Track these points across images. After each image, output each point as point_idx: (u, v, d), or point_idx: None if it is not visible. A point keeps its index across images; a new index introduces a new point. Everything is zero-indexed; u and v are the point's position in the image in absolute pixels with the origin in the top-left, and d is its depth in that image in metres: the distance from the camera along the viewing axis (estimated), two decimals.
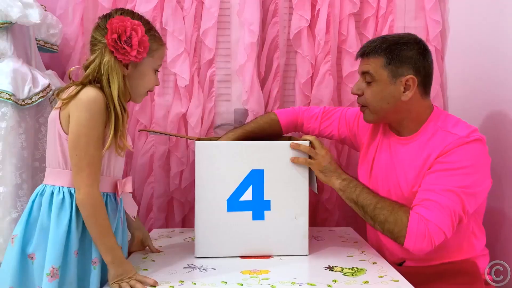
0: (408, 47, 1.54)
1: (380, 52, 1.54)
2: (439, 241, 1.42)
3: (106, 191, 1.41)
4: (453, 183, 1.44)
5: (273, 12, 2.10)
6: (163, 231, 1.98)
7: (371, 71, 1.55)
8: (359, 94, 1.61)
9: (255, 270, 1.44)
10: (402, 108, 1.56)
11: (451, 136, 1.48)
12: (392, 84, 1.54)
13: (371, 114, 1.60)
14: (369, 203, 1.52)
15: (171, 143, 2.11)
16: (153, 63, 1.46)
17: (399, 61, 1.53)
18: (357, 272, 1.42)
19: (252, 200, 1.58)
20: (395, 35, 1.63)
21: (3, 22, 1.67)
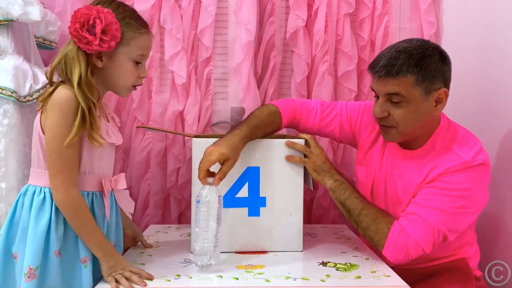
0: (434, 59, 1.43)
1: (412, 70, 1.40)
2: (416, 255, 1.45)
3: (90, 189, 1.38)
4: (447, 203, 1.44)
5: (270, 12, 2.11)
6: (159, 227, 2.00)
7: (402, 92, 1.42)
8: (385, 116, 1.48)
9: (250, 265, 1.46)
10: (429, 122, 1.50)
11: (456, 158, 1.45)
12: (425, 101, 1.44)
13: (398, 134, 1.50)
14: (355, 208, 1.55)
15: (168, 140, 2.12)
16: (129, 53, 1.36)
17: (432, 76, 1.42)
18: (350, 267, 1.45)
19: (248, 196, 1.60)
20: (415, 46, 1.45)
21: (4, 20, 1.68)
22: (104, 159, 1.42)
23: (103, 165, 1.42)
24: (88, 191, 1.37)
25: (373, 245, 1.52)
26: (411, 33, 2.13)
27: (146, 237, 1.80)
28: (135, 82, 1.42)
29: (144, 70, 1.42)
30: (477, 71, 1.87)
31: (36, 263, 1.27)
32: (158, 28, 2.09)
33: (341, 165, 2.16)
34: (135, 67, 1.39)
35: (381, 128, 1.54)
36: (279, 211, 1.61)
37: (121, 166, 2.16)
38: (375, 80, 1.48)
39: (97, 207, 1.39)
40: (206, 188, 1.39)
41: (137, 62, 1.39)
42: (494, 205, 1.76)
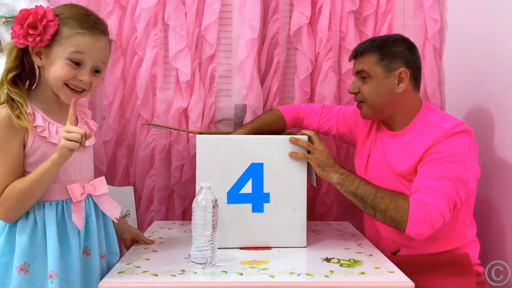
0: (397, 44, 1.66)
1: (373, 50, 1.65)
2: (439, 224, 1.48)
3: (58, 198, 1.34)
4: (445, 170, 1.51)
5: (273, 9, 2.12)
6: (163, 223, 2.01)
7: (366, 68, 1.65)
8: (356, 92, 1.70)
9: (254, 260, 1.47)
10: (397, 100, 1.65)
11: (439, 129, 1.56)
12: (386, 78, 1.63)
13: (368, 109, 1.68)
14: (369, 194, 1.57)
15: (172, 137, 2.13)
16: (63, 52, 1.31)
17: (391, 56, 1.63)
18: (354, 263, 1.45)
19: (252, 192, 1.61)
20: (383, 35, 1.80)
21: (10, 17, 1.70)
22: (71, 165, 1.37)
23: (70, 172, 1.37)
24: (57, 201, 1.34)
25: (395, 225, 1.52)
26: (415, 30, 2.14)
27: (150, 233, 1.82)
28: (70, 81, 1.34)
29: (83, 73, 1.34)
30: (481, 68, 1.87)
31: None
32: (162, 25, 2.10)
33: (344, 163, 2.17)
34: (69, 66, 1.32)
35: (357, 106, 1.74)
36: (282, 207, 1.62)
37: (125, 162, 2.17)
38: (349, 63, 1.78)
39: (69, 216, 1.34)
40: (202, 192, 1.40)
41: (75, 63, 1.33)
42: (494, 204, 1.77)
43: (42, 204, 1.32)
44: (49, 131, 1.33)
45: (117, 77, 2.10)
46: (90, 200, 1.42)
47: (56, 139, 1.33)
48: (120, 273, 1.35)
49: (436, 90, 2.14)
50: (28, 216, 1.30)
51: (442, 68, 2.16)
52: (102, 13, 2.07)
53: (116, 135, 2.14)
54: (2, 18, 1.75)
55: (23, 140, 1.30)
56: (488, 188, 1.78)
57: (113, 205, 1.47)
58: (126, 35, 2.10)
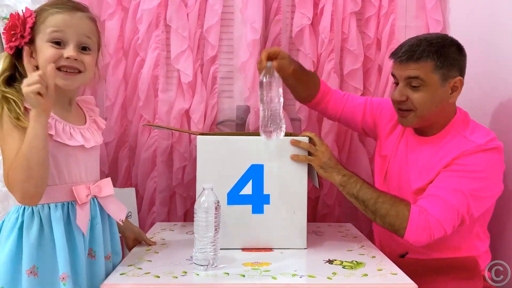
0: (453, 48, 1.55)
1: (432, 56, 1.52)
2: (438, 235, 1.46)
3: (63, 200, 1.32)
4: (463, 185, 1.47)
5: (275, 10, 2.12)
6: (165, 225, 2.00)
7: (421, 75, 1.53)
8: (404, 100, 1.58)
9: (256, 262, 1.46)
10: (445, 109, 1.58)
11: (469, 143, 1.51)
12: (442, 87, 1.54)
13: (415, 118, 1.59)
14: (370, 197, 1.55)
15: (174, 138, 2.13)
16: (43, 37, 1.31)
17: (449, 63, 1.53)
18: (356, 265, 1.45)
19: (252, 194, 1.60)
20: (434, 36, 1.59)
21: None
22: (77, 166, 1.36)
23: (76, 172, 1.36)
24: (63, 202, 1.32)
25: (394, 231, 1.51)
26: (417, 31, 2.13)
27: (152, 234, 1.81)
28: (58, 63, 1.31)
29: (68, 49, 1.31)
30: (483, 69, 1.86)
31: (1, 283, 1.25)
32: (164, 26, 2.10)
33: (346, 164, 2.16)
34: (52, 47, 1.30)
35: (399, 113, 1.63)
36: (283, 208, 1.62)
37: (127, 164, 2.17)
38: (396, 65, 1.60)
39: (75, 218, 1.33)
40: (204, 194, 1.40)
41: (56, 43, 1.31)
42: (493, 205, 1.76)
43: (48, 205, 1.30)
44: (55, 128, 1.31)
45: (119, 78, 2.10)
46: (95, 201, 1.41)
47: (64, 138, 1.31)
48: (122, 275, 1.35)
49: None
50: (34, 219, 1.28)
51: None
52: (104, 14, 2.07)
53: (118, 136, 2.14)
54: (4, 19, 1.75)
55: None
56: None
57: (119, 206, 1.46)
58: (128, 37, 2.10)
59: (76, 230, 1.33)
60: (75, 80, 1.35)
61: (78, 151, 1.36)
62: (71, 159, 1.34)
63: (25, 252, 1.26)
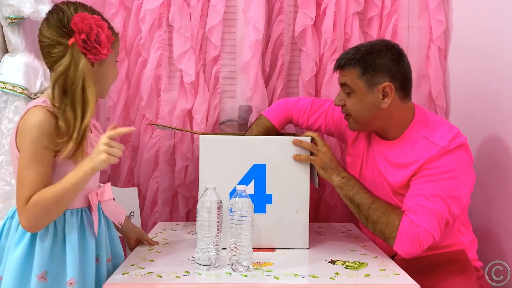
0: (380, 55, 1.57)
1: (354, 63, 1.57)
2: (428, 244, 1.48)
3: (77, 207, 1.34)
4: (438, 188, 1.49)
5: (278, 10, 2.11)
6: (167, 225, 2.00)
7: (348, 82, 1.59)
8: (342, 105, 1.64)
9: (259, 262, 1.46)
10: (383, 114, 1.59)
11: (433, 146, 1.52)
12: (370, 93, 1.57)
13: (354, 123, 1.63)
14: (364, 203, 1.57)
15: (177, 138, 2.13)
16: (114, 56, 1.40)
17: (374, 69, 1.56)
18: (359, 265, 1.45)
19: (254, 193, 1.61)
20: (368, 43, 1.65)
21: (16, 17, 1.70)
22: None
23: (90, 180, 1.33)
24: (78, 208, 1.34)
25: (384, 239, 1.53)
26: (420, 31, 2.13)
27: (154, 234, 1.81)
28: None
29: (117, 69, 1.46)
30: (487, 69, 1.86)
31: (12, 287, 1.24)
32: (167, 26, 2.09)
33: None
34: (116, 67, 1.43)
35: (345, 118, 1.68)
36: (285, 208, 1.62)
37: (129, 163, 2.17)
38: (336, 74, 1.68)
39: (88, 223, 1.35)
40: (207, 194, 1.40)
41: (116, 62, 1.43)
42: (493, 205, 1.77)
43: (64, 212, 1.30)
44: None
45: (122, 78, 2.10)
46: (99, 206, 1.41)
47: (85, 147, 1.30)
48: (125, 274, 1.35)
49: (441, 92, 2.13)
50: (49, 225, 1.28)
51: (447, 69, 2.15)
52: (107, 14, 2.06)
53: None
54: (8, 19, 1.75)
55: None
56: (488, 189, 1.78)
57: (118, 210, 1.46)
58: (131, 36, 2.10)
59: (88, 235, 1.33)
60: None
61: None
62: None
63: (37, 257, 1.26)
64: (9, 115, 1.64)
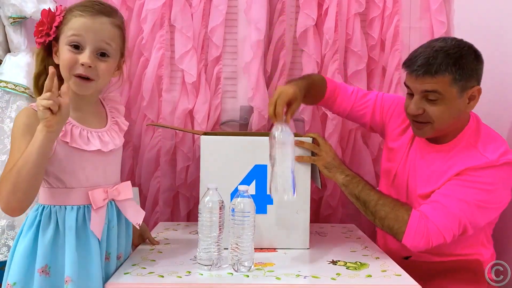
0: (470, 57, 1.49)
1: (450, 69, 1.45)
2: (437, 242, 1.46)
3: (78, 203, 1.31)
4: (469, 195, 1.46)
5: (280, 11, 2.12)
6: (169, 225, 2.00)
7: (440, 90, 1.47)
8: (420, 113, 1.53)
9: (260, 262, 1.46)
10: (461, 118, 1.55)
11: (481, 157, 1.48)
12: (459, 98, 1.49)
13: (432, 130, 1.54)
14: (371, 199, 1.55)
15: (178, 138, 2.13)
16: (64, 38, 1.31)
17: (468, 75, 1.47)
18: (360, 266, 1.45)
19: (255, 194, 1.60)
20: (451, 45, 1.50)
21: (18, 17, 1.70)
22: (94, 170, 1.35)
23: (93, 176, 1.34)
24: (79, 205, 1.32)
25: (393, 235, 1.52)
26: (422, 32, 2.13)
27: (155, 234, 1.81)
28: (74, 69, 1.30)
29: (83, 56, 1.29)
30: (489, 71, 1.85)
31: (14, 279, 1.25)
32: (169, 26, 2.10)
33: (350, 165, 2.14)
34: (69, 51, 1.30)
35: (414, 124, 1.58)
36: (286, 209, 1.62)
37: (131, 163, 2.17)
38: (412, 78, 1.52)
39: (89, 222, 1.32)
40: (209, 194, 1.40)
41: (74, 46, 1.30)
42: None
43: (64, 207, 1.30)
44: (71, 134, 1.29)
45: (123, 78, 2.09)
46: (113, 204, 1.40)
47: (79, 143, 1.30)
48: (126, 274, 1.35)
49: None
50: (51, 219, 1.29)
51: None
52: None
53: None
54: (10, 19, 1.75)
55: None
56: None
57: (137, 210, 1.46)
58: (132, 36, 2.10)
59: (91, 234, 1.32)
60: (88, 87, 1.34)
61: (95, 155, 1.34)
62: (88, 163, 1.33)
63: (39, 251, 1.27)
64: (11, 115, 1.64)
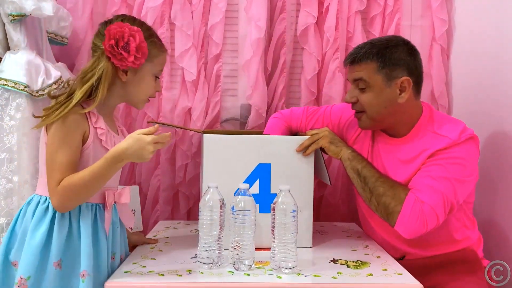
0: (398, 49, 1.55)
1: (372, 57, 1.54)
2: (432, 224, 1.46)
3: (93, 201, 1.38)
4: (445, 171, 1.49)
5: (280, 9, 2.11)
6: (169, 223, 2.00)
7: (365, 77, 1.55)
8: (354, 102, 1.60)
9: (261, 261, 1.45)
10: (398, 110, 1.57)
11: (443, 139, 1.52)
12: (387, 87, 1.54)
13: (368, 120, 1.60)
14: (372, 175, 1.56)
15: (178, 136, 2.12)
16: (152, 69, 1.45)
17: (392, 63, 1.53)
18: (361, 265, 1.44)
19: (259, 193, 1.60)
20: (382, 38, 1.63)
21: (17, 14, 1.68)
22: None
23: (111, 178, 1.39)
24: (93, 203, 1.38)
25: (387, 214, 1.50)
26: (423, 30, 2.13)
27: (155, 232, 1.81)
28: (152, 95, 1.49)
29: (159, 85, 1.51)
30: (489, 69, 1.85)
31: (28, 273, 1.27)
32: (169, 24, 2.09)
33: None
34: (154, 81, 1.47)
35: (355, 116, 1.64)
36: None
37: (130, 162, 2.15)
38: (345, 69, 1.64)
39: (101, 220, 1.39)
40: (209, 192, 1.40)
41: (156, 77, 1.48)
42: (494, 205, 1.77)
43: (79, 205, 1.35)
44: (106, 136, 1.38)
45: None
46: (115, 206, 1.46)
47: (110, 145, 1.38)
48: (127, 273, 1.34)
49: (444, 92, 2.13)
50: (65, 215, 1.33)
51: (450, 69, 2.15)
52: (109, 12, 2.07)
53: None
54: (10, 16, 1.74)
55: (83, 136, 1.34)
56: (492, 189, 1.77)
57: (130, 215, 1.53)
58: None
59: (101, 232, 1.38)
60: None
61: None
62: None
63: (54, 245, 1.30)
64: (10, 113, 1.63)
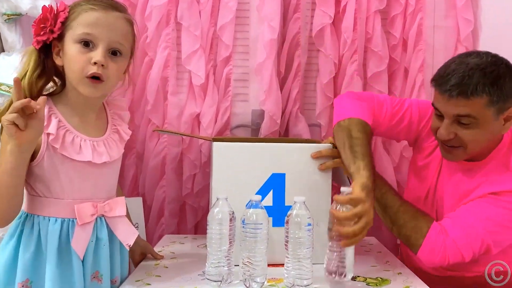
0: (507, 76, 1.37)
1: (486, 90, 1.33)
2: (455, 260, 1.39)
3: (62, 216, 1.24)
4: (497, 215, 1.39)
5: (294, 8, 2.03)
6: (175, 237, 1.93)
7: (473, 113, 1.36)
8: (452, 138, 1.43)
9: (273, 278, 1.38)
10: (494, 140, 1.46)
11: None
12: (495, 120, 1.39)
13: (465, 154, 1.45)
14: (392, 204, 1.49)
15: (184, 144, 2.04)
16: (73, 35, 1.23)
17: (506, 95, 1.36)
18: (381, 282, 1.38)
19: (273, 205, 1.51)
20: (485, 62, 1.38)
21: (13, 14, 1.72)
22: (83, 182, 1.27)
23: (81, 188, 1.27)
24: (63, 218, 1.24)
25: (408, 246, 1.46)
26: (447, 31, 2.05)
27: (160, 247, 1.74)
28: (87, 69, 1.22)
29: (96, 54, 1.22)
30: None
31: None
32: (175, 24, 2.02)
33: None
34: (81, 50, 1.22)
35: (443, 148, 1.48)
36: None
37: (134, 172, 2.08)
38: (443, 98, 1.39)
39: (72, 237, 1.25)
40: (218, 204, 1.31)
41: (85, 43, 1.23)
42: None
43: (48, 218, 1.23)
44: (62, 140, 1.22)
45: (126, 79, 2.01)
46: (103, 221, 1.31)
47: (69, 151, 1.23)
48: None
49: None
50: (33, 229, 1.22)
51: None
52: None
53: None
54: (4, 16, 1.73)
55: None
56: None
57: (129, 229, 1.37)
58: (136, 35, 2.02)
59: (74, 251, 1.24)
60: (98, 88, 1.26)
61: (86, 166, 1.27)
62: (76, 174, 1.26)
63: (20, 264, 1.21)
64: None
